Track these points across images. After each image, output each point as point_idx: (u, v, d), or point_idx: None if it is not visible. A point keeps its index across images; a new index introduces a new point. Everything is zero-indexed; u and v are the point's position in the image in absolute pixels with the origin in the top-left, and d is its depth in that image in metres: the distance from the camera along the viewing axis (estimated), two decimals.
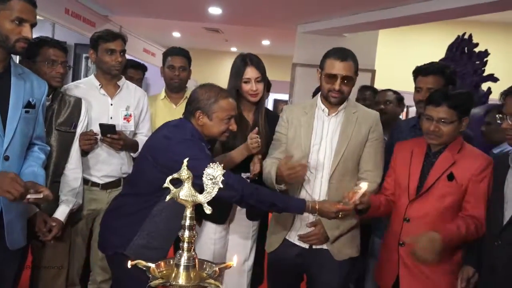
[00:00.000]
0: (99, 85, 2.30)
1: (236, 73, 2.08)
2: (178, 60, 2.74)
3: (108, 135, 2.18)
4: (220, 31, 7.95)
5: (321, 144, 1.96)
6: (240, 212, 2.11)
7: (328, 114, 1.98)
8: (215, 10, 5.18)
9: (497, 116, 1.68)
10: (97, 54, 2.29)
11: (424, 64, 2.19)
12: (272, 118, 2.18)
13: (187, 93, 2.76)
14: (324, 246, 1.98)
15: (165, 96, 2.79)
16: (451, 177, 1.78)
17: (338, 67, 1.88)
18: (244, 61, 2.08)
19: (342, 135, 1.93)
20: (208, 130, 1.82)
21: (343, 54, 1.91)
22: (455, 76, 2.21)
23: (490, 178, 1.76)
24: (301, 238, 1.97)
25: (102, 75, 2.32)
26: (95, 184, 2.26)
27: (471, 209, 1.76)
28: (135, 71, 3.00)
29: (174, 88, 2.76)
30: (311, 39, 5.20)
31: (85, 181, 2.23)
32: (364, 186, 1.73)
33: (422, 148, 1.91)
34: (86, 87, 2.30)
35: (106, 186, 2.29)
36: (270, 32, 7.35)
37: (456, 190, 1.77)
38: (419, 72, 2.16)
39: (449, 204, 1.79)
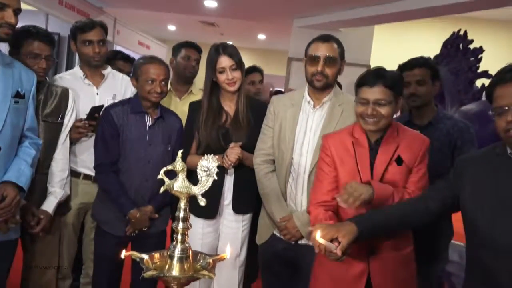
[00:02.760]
0: (83, 75, 2.27)
1: (210, 63, 2.04)
2: (194, 52, 2.71)
3: (87, 121, 2.13)
4: (215, 24, 7.93)
5: (305, 139, 1.93)
6: (228, 207, 2.09)
7: (314, 107, 1.95)
8: (211, 3, 5.16)
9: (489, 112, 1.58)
10: (76, 46, 2.25)
11: (406, 60, 2.19)
12: (255, 106, 2.13)
13: (193, 87, 2.74)
14: (310, 242, 1.95)
15: (170, 89, 2.74)
16: (399, 161, 1.64)
17: (320, 48, 1.87)
18: (217, 50, 2.03)
19: (324, 130, 1.89)
20: (139, 92, 2.07)
21: (325, 36, 1.91)
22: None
23: (427, 156, 1.68)
24: (280, 233, 1.97)
25: (85, 66, 2.29)
26: (87, 177, 2.25)
27: (415, 189, 1.64)
28: (124, 63, 2.96)
29: (185, 78, 2.72)
30: (307, 33, 5.15)
31: (77, 174, 2.21)
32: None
33: (361, 136, 1.69)
34: (70, 78, 2.27)
35: None
36: (265, 26, 7.33)
37: (406, 173, 1.66)
38: (404, 68, 2.16)
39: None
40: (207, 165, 1.12)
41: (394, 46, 6.67)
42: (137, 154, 2.05)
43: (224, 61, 2.00)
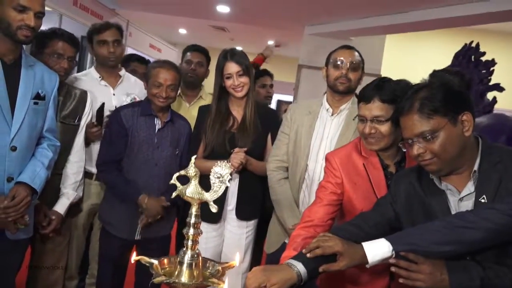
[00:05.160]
0: (100, 77, 2.30)
1: (218, 69, 2.08)
2: (196, 55, 2.73)
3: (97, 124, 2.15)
4: (226, 29, 7.95)
5: (321, 146, 1.94)
6: (232, 212, 2.10)
7: (332, 114, 1.97)
8: (223, 9, 5.18)
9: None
10: (93, 47, 2.28)
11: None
12: (264, 112, 2.15)
13: (202, 93, 2.75)
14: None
15: (179, 94, 2.77)
16: None
17: (344, 54, 1.93)
18: (224, 56, 2.07)
19: (341, 138, 1.90)
20: (148, 95, 2.12)
21: (349, 46, 1.99)
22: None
23: None
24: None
25: (101, 67, 2.32)
26: (99, 178, 2.26)
27: None
28: (140, 65, 3.00)
29: (189, 84, 2.73)
30: (317, 41, 5.19)
31: (89, 175, 2.23)
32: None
33: (371, 156, 1.55)
34: (86, 80, 2.29)
35: None
36: (275, 32, 7.34)
37: None
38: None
39: None
40: (220, 171, 1.12)
41: (406, 56, 6.64)
42: (145, 156, 2.06)
43: (231, 67, 2.03)
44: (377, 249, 1.18)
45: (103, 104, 2.17)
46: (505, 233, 1.13)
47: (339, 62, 1.91)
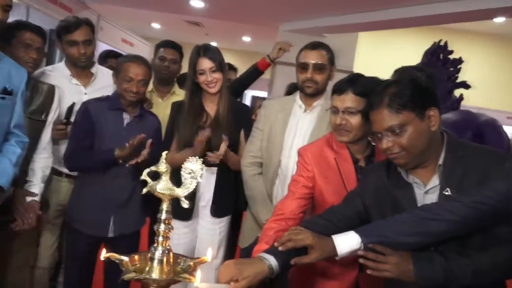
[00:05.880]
0: (70, 74, 2.22)
1: (191, 65, 2.07)
2: (170, 52, 2.68)
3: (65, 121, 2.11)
4: (201, 24, 7.89)
5: (294, 142, 1.96)
6: (205, 208, 2.09)
7: (305, 111, 1.98)
8: (197, 3, 5.13)
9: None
10: (62, 46, 2.19)
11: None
12: (237, 108, 2.15)
13: (175, 88, 2.72)
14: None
15: (152, 89, 2.73)
16: None
17: (309, 56, 1.92)
18: (197, 52, 2.05)
19: (313, 133, 1.92)
20: (117, 89, 2.06)
21: (314, 43, 1.96)
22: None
23: None
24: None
25: (71, 65, 2.24)
26: (69, 176, 2.21)
27: None
28: (114, 60, 2.94)
29: (163, 80, 2.69)
30: (292, 37, 5.19)
31: (59, 173, 2.18)
32: None
33: (342, 150, 1.59)
34: (55, 75, 2.21)
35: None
36: (251, 28, 7.34)
37: None
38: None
39: None
40: (192, 167, 1.12)
41: (377, 53, 6.77)
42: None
43: (204, 63, 2.02)
44: (346, 242, 1.21)
45: (73, 104, 2.12)
46: (467, 225, 1.16)
47: (304, 65, 1.92)
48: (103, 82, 2.32)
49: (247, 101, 10.56)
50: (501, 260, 1.15)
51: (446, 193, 1.22)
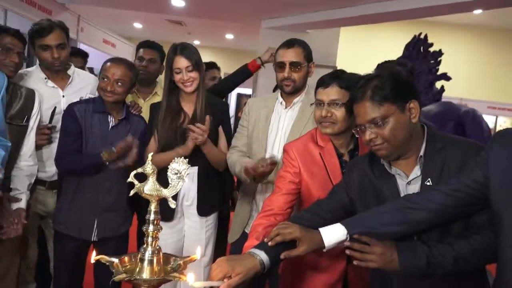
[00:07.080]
0: (45, 78, 2.17)
1: (167, 64, 2.06)
2: (147, 52, 2.66)
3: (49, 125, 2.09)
4: (183, 23, 7.85)
5: (276, 138, 1.98)
6: (190, 208, 2.10)
7: (286, 107, 2.00)
8: (178, 2, 5.11)
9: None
10: (35, 50, 2.14)
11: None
12: (215, 105, 2.14)
13: (157, 89, 2.70)
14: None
15: (134, 90, 2.72)
16: None
17: (285, 55, 1.93)
18: (174, 51, 2.04)
19: (293, 129, 1.93)
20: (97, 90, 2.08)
21: (290, 41, 1.96)
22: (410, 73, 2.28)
23: None
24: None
25: (45, 68, 2.19)
26: (50, 186, 2.18)
27: None
28: (74, 59, 2.86)
29: (142, 81, 2.64)
30: (275, 34, 5.24)
31: (42, 182, 2.15)
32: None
33: (327, 145, 1.62)
34: (31, 79, 2.16)
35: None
36: (233, 26, 7.33)
37: None
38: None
39: None
40: (178, 167, 1.12)
41: (360, 47, 6.84)
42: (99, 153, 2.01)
43: (181, 62, 2.01)
44: (333, 233, 1.24)
45: (55, 108, 2.10)
46: (446, 213, 1.20)
47: (281, 64, 1.93)
48: (80, 84, 2.28)
49: (232, 98, 10.58)
50: (480, 247, 1.19)
51: (428, 183, 1.26)
